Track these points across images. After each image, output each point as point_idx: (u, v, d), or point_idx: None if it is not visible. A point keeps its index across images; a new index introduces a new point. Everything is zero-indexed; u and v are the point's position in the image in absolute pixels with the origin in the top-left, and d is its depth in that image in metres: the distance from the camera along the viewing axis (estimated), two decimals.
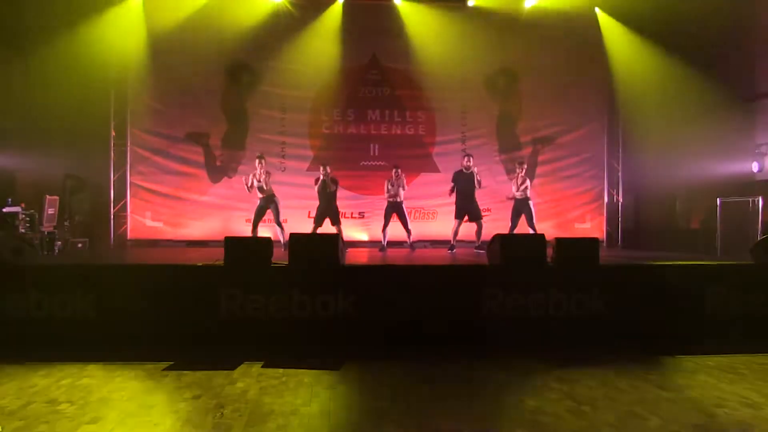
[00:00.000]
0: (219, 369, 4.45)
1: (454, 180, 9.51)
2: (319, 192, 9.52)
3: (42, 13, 10.62)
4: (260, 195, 9.45)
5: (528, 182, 9.81)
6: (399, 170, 9.84)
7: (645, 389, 4.02)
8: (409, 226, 9.87)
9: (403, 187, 9.80)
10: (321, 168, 9.59)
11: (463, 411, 3.59)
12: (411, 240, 9.87)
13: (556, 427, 3.31)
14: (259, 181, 9.37)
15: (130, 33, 11.06)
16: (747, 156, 10.55)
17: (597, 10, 11.58)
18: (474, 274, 5.80)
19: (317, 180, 9.53)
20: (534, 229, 9.58)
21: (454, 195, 9.52)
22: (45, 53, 10.64)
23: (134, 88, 11.24)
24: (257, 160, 9.45)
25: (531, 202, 9.74)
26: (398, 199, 9.73)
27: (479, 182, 9.37)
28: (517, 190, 9.74)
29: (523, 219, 9.70)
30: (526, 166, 10.05)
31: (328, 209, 9.50)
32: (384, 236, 9.81)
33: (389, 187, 9.79)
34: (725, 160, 10.81)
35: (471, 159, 9.52)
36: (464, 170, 9.42)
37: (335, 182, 9.56)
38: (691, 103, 10.59)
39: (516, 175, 9.90)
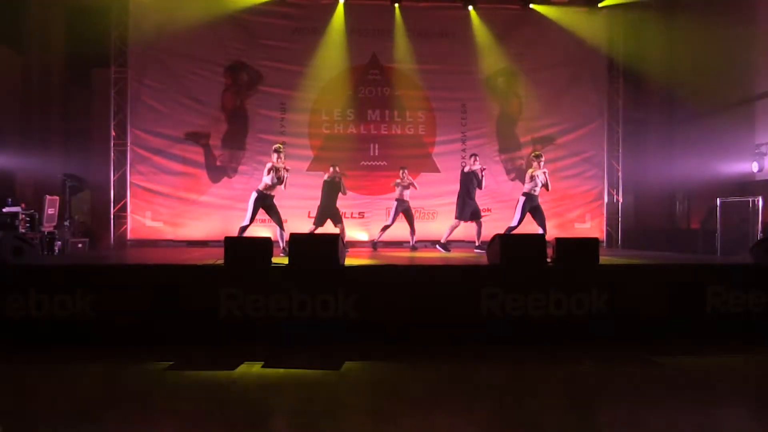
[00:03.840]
0: (219, 369, 4.45)
1: (464, 180, 9.34)
2: (324, 191, 9.38)
3: (41, 11, 10.63)
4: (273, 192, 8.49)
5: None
6: (405, 171, 9.91)
7: (645, 389, 4.02)
8: (415, 226, 9.90)
9: (412, 186, 9.87)
10: (331, 168, 9.45)
11: (461, 411, 3.59)
12: (414, 240, 9.88)
13: (556, 427, 3.31)
14: (279, 176, 8.30)
15: (131, 32, 11.07)
16: (747, 156, 10.54)
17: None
18: (474, 274, 5.79)
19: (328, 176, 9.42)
20: (543, 226, 8.81)
21: (454, 195, 9.52)
22: (44, 52, 10.65)
23: (134, 88, 11.24)
24: (275, 154, 8.35)
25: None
26: (405, 198, 9.79)
27: (481, 182, 9.28)
28: (536, 186, 8.82)
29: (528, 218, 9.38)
30: (543, 159, 9.08)
31: (329, 209, 9.40)
32: (380, 234, 9.85)
33: (400, 189, 9.82)
34: (725, 160, 10.81)
35: (477, 159, 9.40)
36: (473, 170, 9.29)
37: (343, 184, 9.39)
38: (692, 103, 10.61)
39: (540, 167, 8.84)
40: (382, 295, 5.32)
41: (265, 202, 8.50)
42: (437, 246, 9.52)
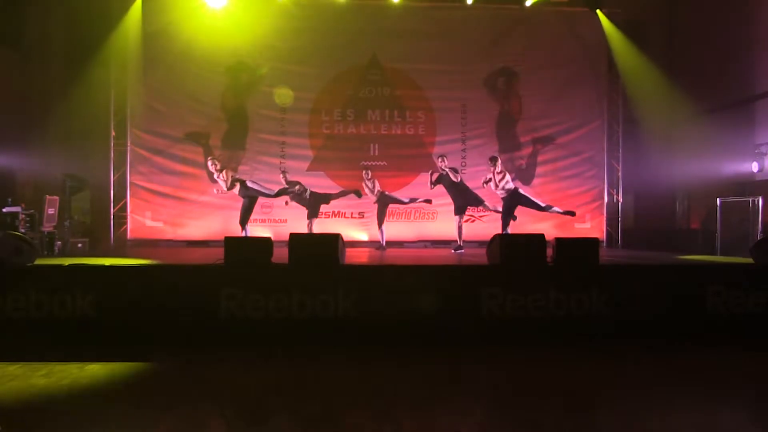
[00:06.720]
0: (218, 369, 4.45)
1: (438, 182, 9.55)
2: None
3: (42, 14, 10.63)
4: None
5: (508, 176, 9.14)
6: (369, 172, 10.37)
7: (645, 389, 4.02)
8: (383, 227, 10.14)
9: (376, 186, 10.23)
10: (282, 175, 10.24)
11: (461, 411, 3.59)
12: (384, 241, 10.08)
13: (556, 427, 3.31)
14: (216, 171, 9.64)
15: (131, 33, 11.07)
16: (747, 156, 10.55)
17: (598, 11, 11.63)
18: (474, 274, 5.79)
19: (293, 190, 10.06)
20: (540, 207, 9.21)
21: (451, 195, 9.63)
22: (45, 53, 10.64)
23: (134, 88, 11.24)
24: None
25: (521, 190, 9.40)
26: (378, 195, 10.15)
27: (454, 172, 9.48)
28: (498, 189, 9.07)
29: (520, 216, 9.51)
30: (500, 161, 9.30)
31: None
32: (381, 235, 9.91)
33: (367, 190, 10.17)
34: (725, 160, 10.81)
35: (445, 159, 9.59)
36: (444, 173, 9.42)
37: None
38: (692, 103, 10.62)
39: (492, 172, 9.10)
40: (382, 295, 5.32)
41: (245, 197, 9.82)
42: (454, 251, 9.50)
